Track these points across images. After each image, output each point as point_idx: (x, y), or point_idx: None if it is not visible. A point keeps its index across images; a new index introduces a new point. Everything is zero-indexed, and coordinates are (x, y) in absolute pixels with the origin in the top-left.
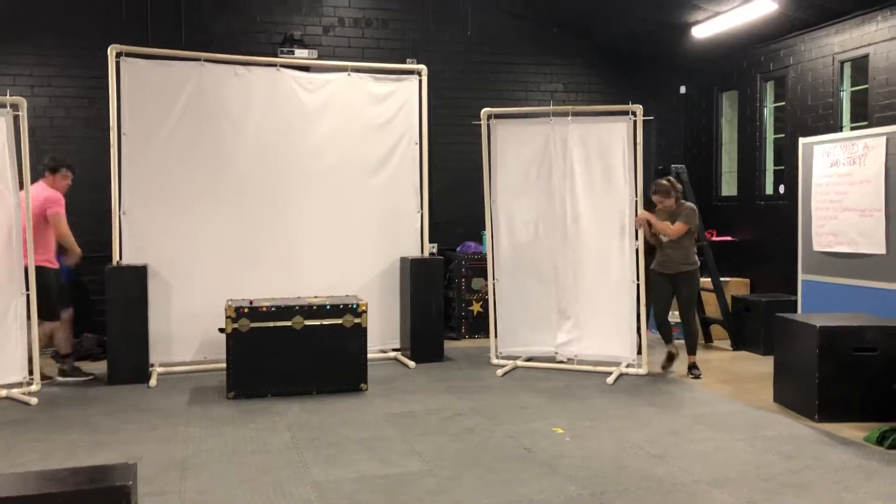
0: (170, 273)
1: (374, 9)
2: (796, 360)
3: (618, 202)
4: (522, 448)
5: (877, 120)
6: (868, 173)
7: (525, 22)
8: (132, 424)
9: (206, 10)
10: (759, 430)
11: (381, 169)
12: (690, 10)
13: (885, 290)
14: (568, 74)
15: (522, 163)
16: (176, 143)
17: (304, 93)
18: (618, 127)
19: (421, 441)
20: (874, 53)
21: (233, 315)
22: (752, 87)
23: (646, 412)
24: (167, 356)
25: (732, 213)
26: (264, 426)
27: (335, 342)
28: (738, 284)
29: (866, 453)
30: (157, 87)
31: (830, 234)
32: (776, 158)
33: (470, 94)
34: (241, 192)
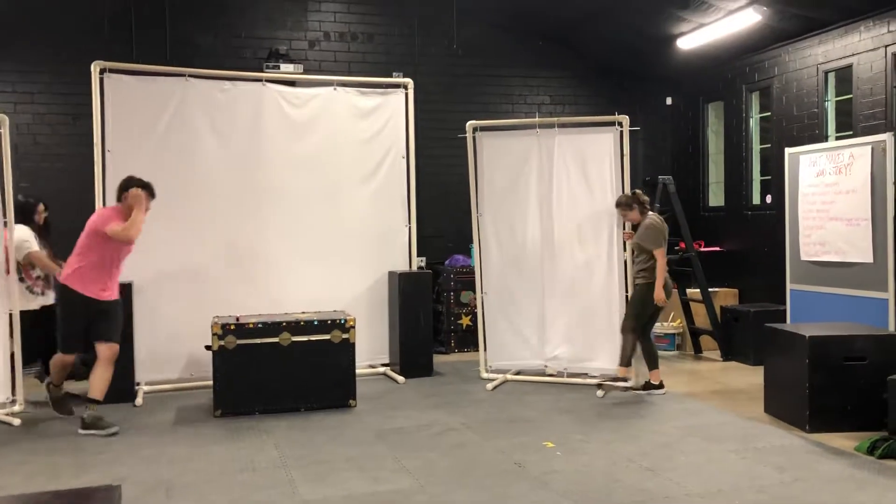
0: (155, 290)
1: (359, 23)
2: (786, 370)
3: (605, 214)
4: (513, 463)
5: (861, 129)
6: (854, 182)
7: (510, 35)
8: (117, 445)
9: (190, 26)
10: (750, 442)
11: (368, 183)
12: (675, 21)
13: (873, 299)
14: (554, 87)
15: (509, 175)
16: (161, 159)
17: (290, 107)
18: (604, 138)
19: (411, 457)
20: (857, 63)
21: (219, 332)
22: (737, 97)
23: (637, 425)
24: (153, 374)
25: (720, 224)
26: (252, 444)
27: (323, 358)
28: (727, 295)
29: (858, 463)
30: (141, 103)
31: (818, 243)
32: (763, 168)
33: (456, 107)
34: (227, 207)
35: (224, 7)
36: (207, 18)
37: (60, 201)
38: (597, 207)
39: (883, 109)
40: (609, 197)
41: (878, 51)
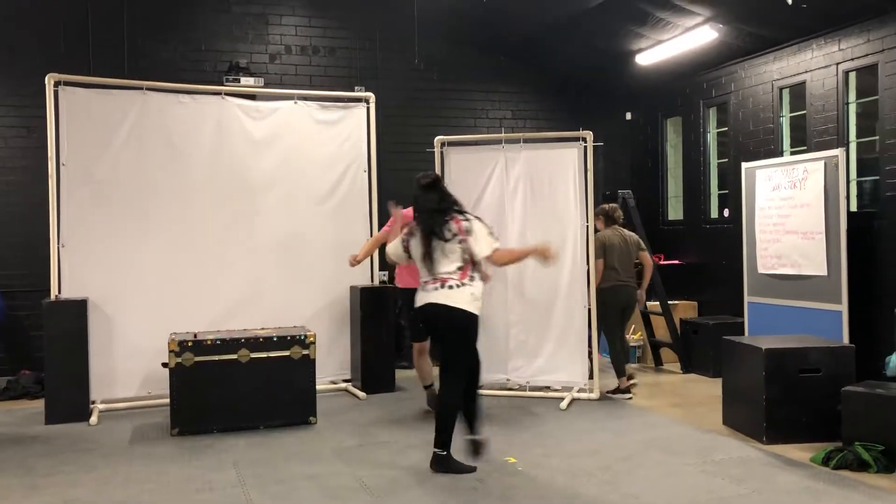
0: (111, 307)
1: (321, 37)
2: (744, 382)
3: (569, 227)
4: (475, 479)
5: (815, 144)
6: (808, 197)
7: (472, 50)
8: (70, 465)
9: (149, 38)
10: (709, 454)
11: (329, 197)
12: (634, 38)
13: (828, 311)
14: (516, 101)
15: (475, 189)
16: (117, 173)
17: (250, 121)
18: (569, 153)
19: (372, 475)
20: (811, 80)
21: (176, 349)
22: (695, 113)
23: (598, 438)
24: (109, 392)
25: (679, 237)
26: (209, 463)
27: (283, 375)
28: (686, 307)
29: (813, 474)
30: (97, 116)
31: (774, 256)
32: (720, 183)
33: (419, 121)
34: (185, 222)
35: (184, 20)
36: (166, 31)
37: (12, 216)
38: (561, 221)
39: (835, 125)
40: (573, 211)
41: (829, 68)
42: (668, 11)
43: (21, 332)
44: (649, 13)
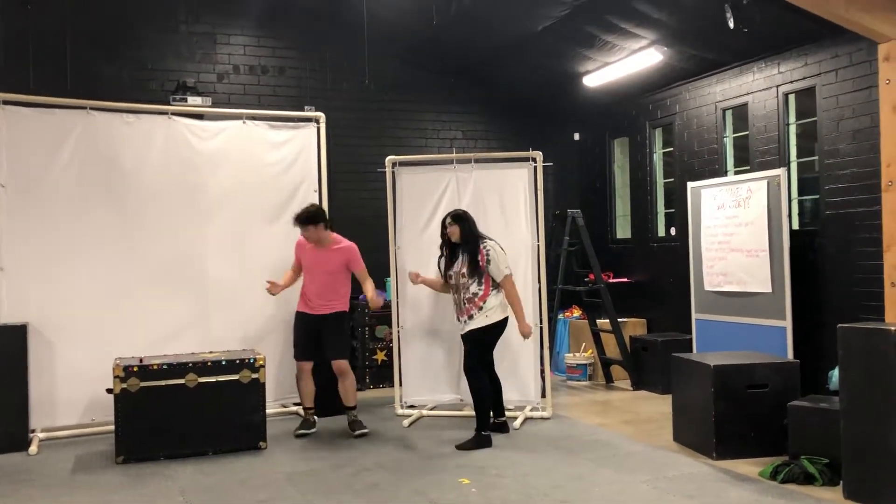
0: (53, 332)
1: (270, 56)
2: (693, 399)
3: (521, 247)
4: (428, 502)
5: (757, 164)
6: (752, 215)
7: (422, 71)
8: (7, 499)
9: (93, 56)
10: (661, 471)
11: (279, 217)
12: (581, 60)
13: (772, 328)
14: (466, 122)
15: (427, 209)
16: (60, 194)
17: (198, 141)
18: (519, 173)
19: (324, 501)
20: (752, 102)
21: (121, 374)
22: (641, 133)
23: (551, 456)
24: (50, 420)
25: (628, 255)
26: (155, 491)
27: (231, 399)
28: (636, 324)
29: (762, 489)
30: (39, 136)
31: (720, 273)
32: (667, 202)
33: (369, 141)
34: (131, 244)
35: (129, 38)
36: (111, 49)
37: None
38: (513, 241)
39: (777, 145)
40: (524, 230)
41: (770, 90)
42: (613, 34)
43: None
44: (596, 36)
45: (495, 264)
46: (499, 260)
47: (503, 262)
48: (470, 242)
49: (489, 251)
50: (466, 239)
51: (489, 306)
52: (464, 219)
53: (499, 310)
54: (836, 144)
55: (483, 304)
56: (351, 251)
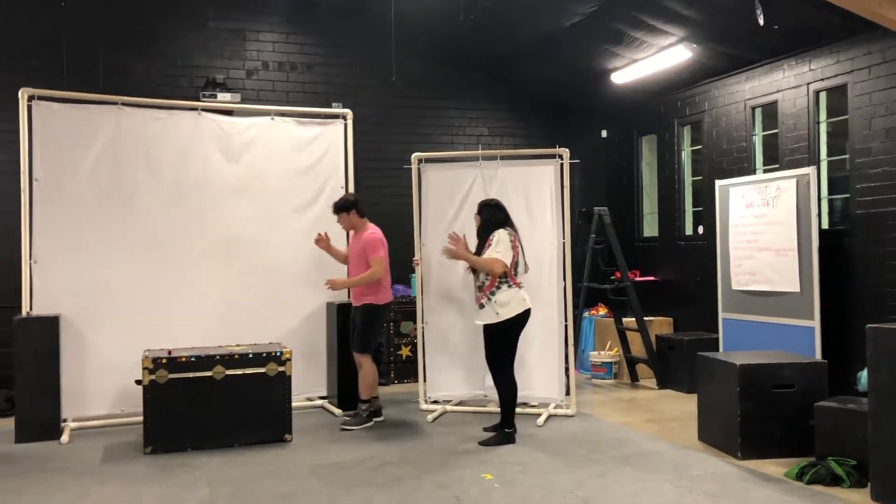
0: (84, 323)
1: (298, 53)
2: (718, 398)
3: (546, 244)
4: (452, 497)
5: (787, 163)
6: (781, 214)
7: (449, 68)
8: (39, 485)
9: (125, 53)
10: (684, 470)
11: (306, 213)
12: (609, 57)
13: (801, 327)
14: (492, 119)
15: (452, 206)
16: (91, 188)
17: (227, 137)
18: (546, 170)
19: (347, 494)
20: (782, 100)
21: (150, 366)
22: (669, 131)
23: (574, 454)
24: (81, 410)
25: (654, 254)
26: (182, 482)
27: (258, 392)
28: (662, 323)
29: (788, 489)
30: (71, 131)
31: (748, 273)
32: (694, 200)
33: (396, 138)
34: (160, 238)
35: (160, 35)
36: (142, 46)
37: None
38: (538, 238)
39: (807, 144)
40: (550, 227)
41: (800, 88)
42: (642, 31)
43: None
44: (624, 33)
45: (493, 248)
46: (498, 244)
47: (502, 246)
48: (487, 230)
49: (495, 236)
50: (484, 226)
51: (499, 301)
52: (488, 207)
53: (512, 305)
54: (868, 143)
55: (491, 296)
56: (368, 238)
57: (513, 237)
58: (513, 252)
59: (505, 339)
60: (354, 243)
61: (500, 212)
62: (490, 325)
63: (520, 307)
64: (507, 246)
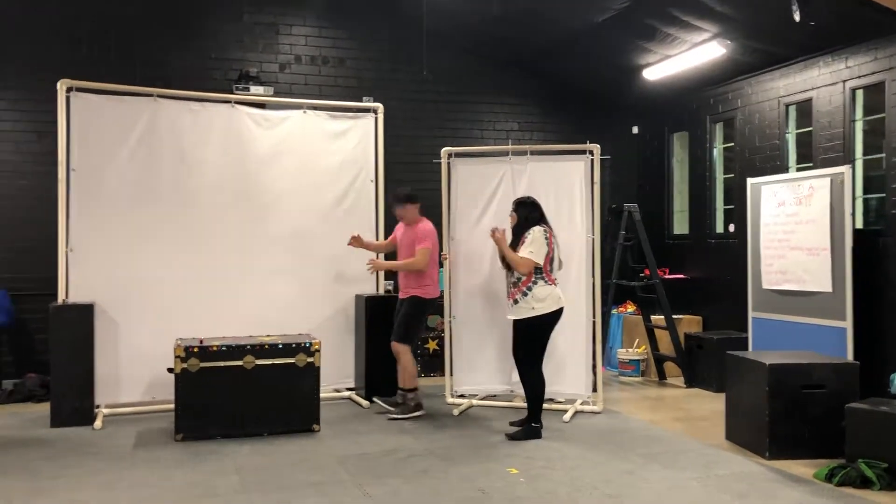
0: (118, 311)
1: (330, 47)
2: (747, 397)
3: (575, 240)
4: (477, 490)
5: (820, 161)
6: (814, 213)
7: (480, 62)
8: (74, 469)
9: (160, 46)
10: (711, 469)
11: (336, 206)
12: (641, 53)
13: (832, 328)
14: (523, 114)
15: (481, 201)
16: (127, 179)
17: (259, 130)
18: (576, 166)
19: (374, 484)
20: (817, 97)
21: (182, 354)
22: (701, 128)
23: (601, 451)
24: (114, 397)
25: (684, 252)
26: (212, 469)
27: (287, 382)
28: (691, 322)
29: (817, 490)
30: (108, 122)
31: (779, 272)
32: (726, 198)
33: (426, 132)
34: (192, 228)
35: (195, 28)
36: (178, 38)
37: (23, 219)
38: (567, 234)
39: (841, 142)
40: (579, 224)
41: (836, 85)
42: (675, 27)
43: (28, 336)
44: (657, 29)
45: (526, 246)
46: (532, 243)
47: (535, 245)
48: (522, 228)
49: (529, 234)
50: (520, 224)
51: (536, 297)
52: (524, 205)
53: (548, 301)
54: None
55: (528, 291)
56: (420, 228)
57: (548, 234)
58: (548, 248)
59: (537, 334)
60: (405, 234)
61: (536, 210)
62: (524, 319)
63: (555, 304)
64: (542, 243)
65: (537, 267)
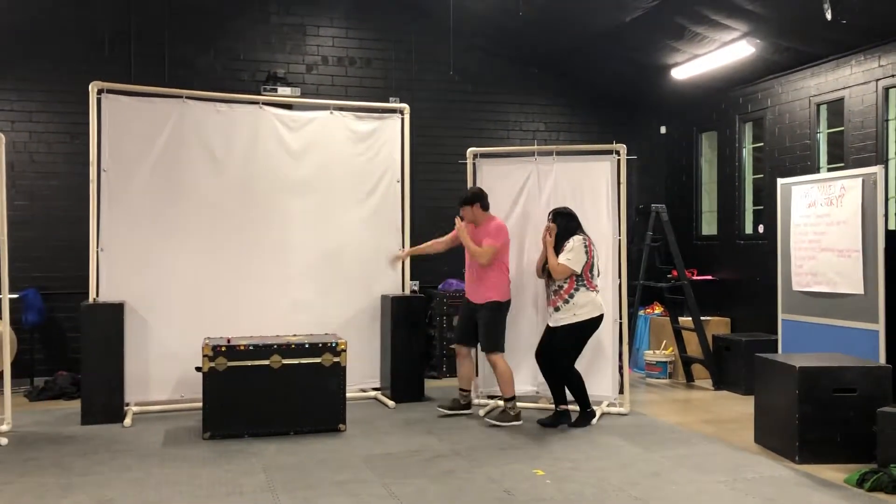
0: (147, 310)
1: (357, 48)
2: (776, 400)
3: (602, 241)
4: (503, 491)
5: (852, 161)
6: (845, 214)
7: (506, 62)
8: (105, 465)
9: (189, 47)
10: (740, 472)
11: (362, 206)
12: (669, 52)
13: (864, 330)
14: (549, 114)
15: (507, 201)
16: (156, 179)
17: (287, 130)
18: (602, 166)
19: (400, 484)
20: (849, 97)
21: (210, 354)
22: (730, 128)
23: (627, 453)
24: (143, 395)
25: (713, 253)
26: (239, 468)
27: (313, 381)
28: (719, 323)
29: (847, 496)
30: (138, 123)
31: (809, 273)
32: (755, 198)
33: (452, 132)
34: (220, 229)
35: (223, 29)
36: (206, 40)
37: (54, 218)
38: (593, 234)
39: (874, 142)
40: (606, 224)
41: (869, 84)
42: (704, 26)
43: (59, 334)
44: (685, 28)
45: (565, 253)
46: (571, 251)
47: (574, 253)
48: (562, 237)
49: (570, 243)
50: (561, 234)
51: (578, 303)
52: (561, 216)
53: (589, 308)
54: None
55: (570, 298)
56: (492, 226)
57: (587, 242)
58: (587, 257)
59: (577, 339)
60: (475, 236)
61: (573, 220)
62: (565, 326)
63: (596, 311)
64: (581, 251)
65: (577, 275)
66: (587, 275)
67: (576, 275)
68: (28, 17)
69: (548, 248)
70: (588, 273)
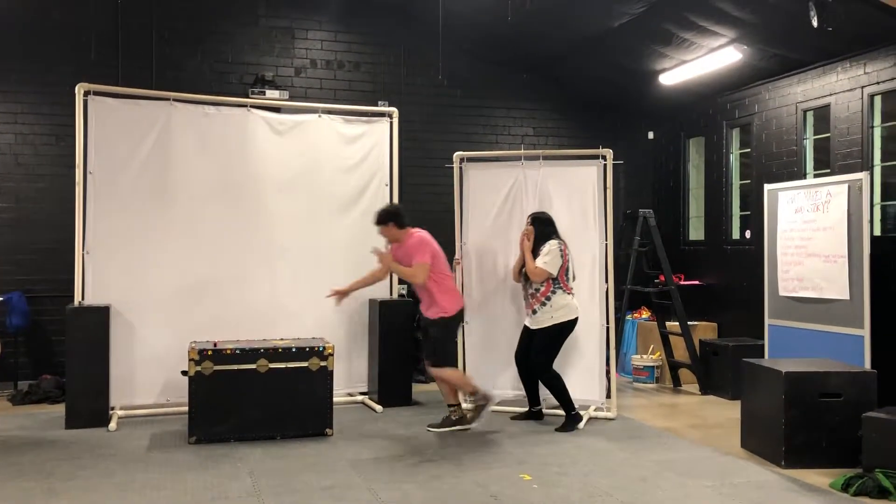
0: (133, 314)
1: (346, 51)
2: (762, 405)
3: (588, 246)
4: (489, 496)
5: (838, 168)
6: (831, 220)
7: (495, 67)
8: (89, 470)
9: (177, 50)
10: (726, 477)
11: (350, 210)
12: (657, 58)
13: (850, 336)
14: (537, 119)
15: (494, 206)
16: (143, 182)
17: (275, 134)
18: (588, 171)
19: (386, 489)
20: (835, 103)
21: (196, 357)
22: (718, 133)
23: (614, 457)
24: (128, 399)
25: (700, 258)
26: (225, 472)
27: (300, 386)
28: (706, 328)
29: (832, 500)
30: (125, 126)
31: (796, 279)
32: (742, 204)
33: (440, 136)
34: (208, 232)
35: (211, 32)
36: (194, 43)
37: (39, 221)
38: (580, 239)
39: (859, 149)
40: (592, 229)
41: (854, 91)
42: (692, 32)
43: (43, 337)
44: (673, 33)
45: (541, 257)
46: (548, 254)
47: (550, 256)
48: (538, 241)
49: (546, 247)
50: (538, 238)
51: (556, 305)
52: (539, 220)
53: (565, 310)
54: None
55: (546, 301)
56: (409, 245)
57: (563, 247)
58: (563, 260)
59: (554, 341)
60: (397, 253)
61: (551, 225)
62: (544, 328)
63: (572, 314)
64: (557, 255)
65: (553, 278)
66: (563, 278)
67: (552, 278)
68: (14, 18)
69: (525, 252)
70: (563, 276)
